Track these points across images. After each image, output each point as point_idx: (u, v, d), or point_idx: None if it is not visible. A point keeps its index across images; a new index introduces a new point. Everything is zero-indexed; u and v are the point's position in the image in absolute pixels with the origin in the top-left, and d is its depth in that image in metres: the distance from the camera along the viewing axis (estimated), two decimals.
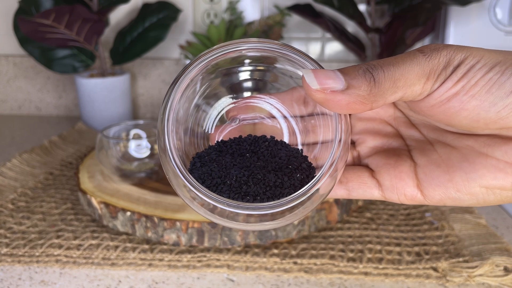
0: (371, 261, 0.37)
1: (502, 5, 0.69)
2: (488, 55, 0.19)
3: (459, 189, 0.20)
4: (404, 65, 0.19)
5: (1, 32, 0.87)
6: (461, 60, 0.19)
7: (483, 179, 0.20)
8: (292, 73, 0.24)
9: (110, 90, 0.76)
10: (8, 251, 0.40)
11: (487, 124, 0.19)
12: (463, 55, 0.19)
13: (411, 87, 0.19)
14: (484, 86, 0.18)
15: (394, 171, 0.22)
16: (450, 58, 0.19)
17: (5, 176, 0.55)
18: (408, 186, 0.22)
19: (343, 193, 0.23)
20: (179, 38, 0.83)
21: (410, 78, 0.19)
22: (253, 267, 0.37)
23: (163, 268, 0.37)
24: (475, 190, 0.20)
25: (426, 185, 0.21)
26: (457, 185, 0.20)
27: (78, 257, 0.39)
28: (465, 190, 0.20)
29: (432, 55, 0.19)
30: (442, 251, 0.38)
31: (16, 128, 0.81)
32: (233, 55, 0.22)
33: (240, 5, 0.81)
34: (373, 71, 0.19)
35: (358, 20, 0.69)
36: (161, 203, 0.42)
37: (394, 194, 0.22)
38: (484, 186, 0.20)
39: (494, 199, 0.20)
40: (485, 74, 0.18)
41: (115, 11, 0.82)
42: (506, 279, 0.35)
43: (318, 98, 0.19)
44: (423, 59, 0.19)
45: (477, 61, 0.19)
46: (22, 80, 0.89)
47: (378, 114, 0.25)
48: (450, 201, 0.21)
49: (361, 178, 0.23)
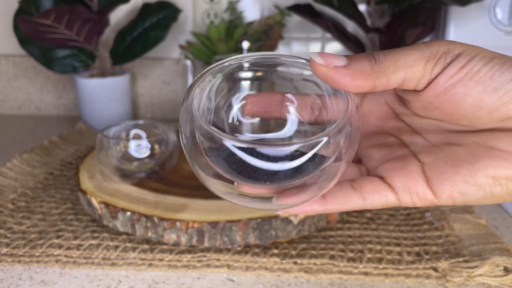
0: (371, 261, 0.37)
1: (502, 5, 0.70)
2: (484, 51, 0.20)
3: (467, 180, 0.21)
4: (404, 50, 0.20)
5: (1, 32, 0.87)
6: (461, 52, 0.20)
7: (489, 169, 0.21)
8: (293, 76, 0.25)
9: (110, 90, 0.76)
10: (8, 251, 0.40)
11: (490, 112, 0.20)
12: (462, 48, 0.20)
13: (412, 68, 0.20)
14: (487, 73, 0.19)
15: (404, 171, 0.23)
16: (449, 48, 0.20)
17: (5, 176, 0.55)
18: (419, 184, 0.22)
19: (358, 202, 0.23)
20: (179, 38, 0.84)
21: (410, 60, 0.20)
22: (253, 267, 0.37)
23: (163, 268, 0.37)
24: (482, 180, 0.21)
25: (435, 181, 0.22)
26: (464, 177, 0.21)
27: (78, 257, 0.39)
28: (472, 181, 0.21)
29: (431, 43, 0.21)
30: (442, 251, 0.38)
31: (16, 128, 0.81)
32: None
33: (240, 5, 0.81)
34: (373, 54, 0.21)
35: (358, 20, 0.69)
36: (161, 203, 0.42)
37: (407, 195, 0.23)
38: (490, 176, 0.21)
39: (501, 191, 0.21)
40: (486, 63, 0.20)
41: (115, 11, 0.82)
42: (506, 279, 0.35)
43: (323, 73, 0.20)
44: (423, 45, 0.20)
45: (476, 54, 0.20)
46: (22, 80, 0.89)
47: (381, 128, 0.26)
48: (459, 195, 0.21)
49: (374, 183, 0.23)
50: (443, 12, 0.74)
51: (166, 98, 0.87)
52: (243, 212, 0.40)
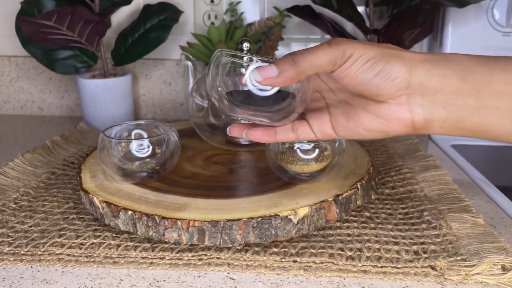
0: (370, 259, 0.38)
1: (499, 7, 0.70)
2: (368, 52, 0.32)
3: (352, 129, 0.35)
4: (316, 53, 0.32)
5: (4, 33, 0.87)
6: (351, 54, 0.32)
7: (364, 125, 0.35)
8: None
9: (112, 91, 0.76)
10: (11, 250, 0.40)
11: (367, 90, 0.33)
12: (352, 50, 0.32)
13: (322, 67, 0.32)
14: (363, 70, 0.32)
15: (319, 120, 0.37)
16: (344, 50, 0.32)
17: (8, 176, 0.55)
18: (328, 128, 0.37)
19: (293, 136, 0.38)
20: (180, 39, 0.84)
21: (320, 61, 0.32)
22: (253, 266, 0.38)
23: (164, 266, 0.38)
24: (361, 131, 0.35)
25: (336, 128, 0.36)
26: (351, 128, 0.35)
27: (80, 255, 0.39)
28: (356, 130, 0.35)
29: (333, 47, 0.32)
30: (440, 250, 0.39)
31: (18, 128, 0.81)
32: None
33: (240, 6, 0.81)
34: (294, 57, 0.32)
35: (357, 21, 0.69)
36: (162, 202, 0.43)
37: (320, 134, 0.37)
38: (365, 129, 0.35)
39: (372, 135, 0.35)
40: (364, 63, 0.32)
41: (117, 12, 0.82)
42: (504, 277, 0.36)
43: (264, 83, 0.33)
44: (327, 47, 0.32)
45: (360, 55, 0.32)
46: (24, 81, 0.89)
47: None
48: (351, 137, 0.36)
49: (303, 127, 0.38)
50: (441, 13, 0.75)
51: (167, 98, 0.88)
52: (243, 211, 0.41)
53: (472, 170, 0.60)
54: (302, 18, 0.74)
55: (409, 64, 0.32)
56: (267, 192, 0.45)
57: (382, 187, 0.52)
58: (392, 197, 0.50)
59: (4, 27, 0.86)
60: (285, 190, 0.45)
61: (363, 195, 0.47)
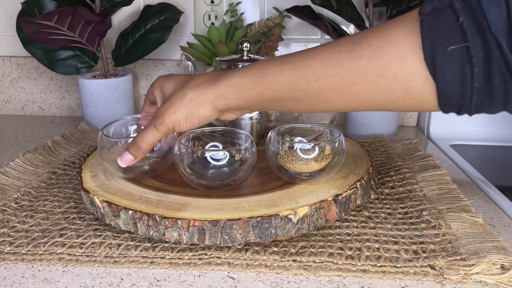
0: (369, 259, 0.38)
1: None
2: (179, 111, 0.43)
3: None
4: (147, 137, 0.44)
5: (5, 33, 0.87)
6: (173, 123, 0.43)
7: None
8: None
9: (113, 91, 0.76)
10: (12, 250, 0.40)
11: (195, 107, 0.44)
12: (172, 119, 0.43)
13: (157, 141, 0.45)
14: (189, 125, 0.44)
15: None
16: (168, 125, 0.43)
17: (9, 176, 0.55)
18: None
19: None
20: (181, 40, 0.84)
21: (154, 141, 0.44)
22: (253, 265, 0.38)
23: (165, 266, 0.38)
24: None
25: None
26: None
27: (81, 255, 0.39)
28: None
29: (158, 128, 0.43)
30: (439, 249, 0.39)
31: (19, 128, 0.82)
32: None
33: (240, 7, 0.81)
34: (134, 145, 0.44)
35: (357, 22, 0.70)
36: (163, 202, 0.43)
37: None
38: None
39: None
40: (173, 95, 0.44)
41: (117, 12, 0.82)
42: (503, 277, 0.36)
43: (131, 164, 0.46)
44: (156, 131, 0.43)
45: (179, 121, 0.43)
46: (25, 81, 0.89)
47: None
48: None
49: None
50: None
51: None
52: (243, 211, 0.41)
53: (471, 169, 0.60)
54: (302, 19, 0.74)
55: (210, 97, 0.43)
56: (267, 192, 0.45)
57: (382, 186, 0.52)
58: (392, 197, 0.50)
59: (5, 28, 0.87)
60: (285, 189, 0.45)
61: (363, 195, 0.47)
